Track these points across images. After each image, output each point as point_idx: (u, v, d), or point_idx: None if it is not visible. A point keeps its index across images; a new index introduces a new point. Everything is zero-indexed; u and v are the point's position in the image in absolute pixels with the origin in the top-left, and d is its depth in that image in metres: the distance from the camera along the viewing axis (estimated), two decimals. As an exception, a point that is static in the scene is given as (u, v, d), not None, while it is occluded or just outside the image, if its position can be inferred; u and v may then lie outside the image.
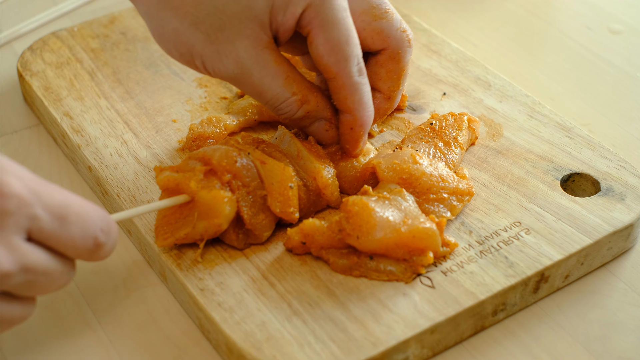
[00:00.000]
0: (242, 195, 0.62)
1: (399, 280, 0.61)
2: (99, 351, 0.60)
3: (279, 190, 0.63)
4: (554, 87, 0.86)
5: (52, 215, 0.51)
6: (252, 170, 0.63)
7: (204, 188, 0.61)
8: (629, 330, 0.62)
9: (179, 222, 0.62)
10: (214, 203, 0.61)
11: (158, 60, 0.84)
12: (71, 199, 0.53)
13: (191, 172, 0.62)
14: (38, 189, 0.51)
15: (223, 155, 0.63)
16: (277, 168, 0.63)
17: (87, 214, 0.53)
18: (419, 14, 0.95)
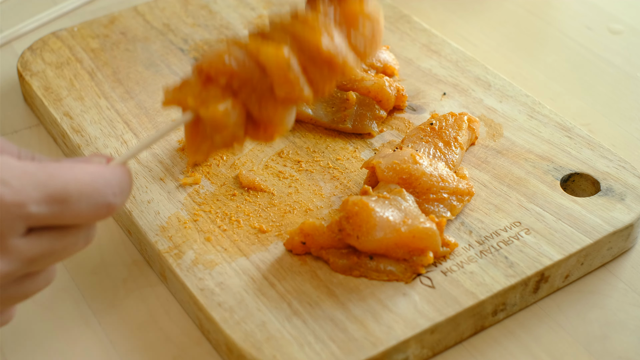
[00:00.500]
0: (246, 93, 0.58)
1: (399, 280, 0.61)
2: (99, 351, 0.60)
3: (279, 73, 0.58)
4: (554, 87, 0.86)
5: (50, 203, 0.50)
6: (249, 63, 0.58)
7: (203, 104, 0.57)
8: (629, 330, 0.62)
9: (199, 136, 0.59)
10: (215, 119, 0.57)
11: (158, 60, 0.84)
12: (69, 177, 0.51)
13: (190, 86, 0.58)
14: (28, 181, 0.49)
15: (213, 59, 0.58)
16: (271, 51, 0.58)
17: (91, 187, 0.51)
18: (419, 14, 0.95)
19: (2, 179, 0.49)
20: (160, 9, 0.91)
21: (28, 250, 0.50)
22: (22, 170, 0.50)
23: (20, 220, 0.49)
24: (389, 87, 0.75)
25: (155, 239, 0.65)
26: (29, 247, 0.50)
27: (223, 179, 0.70)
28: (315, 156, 0.72)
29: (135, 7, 0.91)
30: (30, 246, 0.50)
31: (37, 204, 0.49)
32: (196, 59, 0.61)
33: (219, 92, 0.57)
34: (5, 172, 0.49)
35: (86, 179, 0.51)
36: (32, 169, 0.50)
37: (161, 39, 0.87)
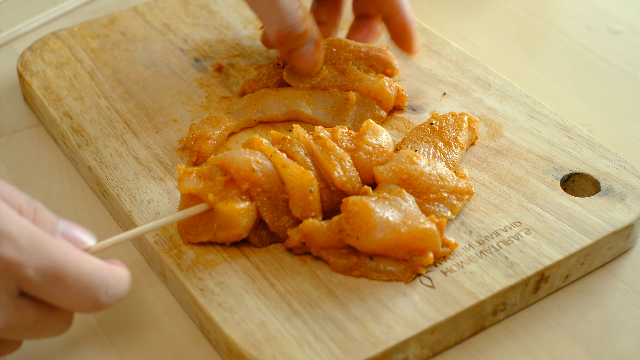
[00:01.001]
0: (262, 201, 0.63)
1: (399, 280, 0.61)
2: (99, 351, 0.60)
3: (300, 195, 0.63)
4: (554, 87, 0.86)
5: (45, 276, 0.50)
6: (273, 175, 0.63)
7: (222, 199, 0.62)
8: (629, 330, 0.62)
9: (200, 227, 0.63)
10: (231, 216, 0.61)
11: (158, 60, 0.84)
12: (73, 260, 0.51)
13: (211, 181, 0.62)
14: (35, 247, 0.50)
15: (241, 164, 0.62)
16: (297, 172, 0.63)
17: (88, 279, 0.52)
18: (419, 14, 0.95)
19: (11, 235, 0.49)
20: (160, 9, 0.91)
21: (13, 313, 0.51)
22: (32, 233, 0.50)
23: (15, 280, 0.50)
24: (389, 87, 0.75)
25: (155, 239, 0.65)
26: (14, 310, 0.51)
27: (223, 179, 0.70)
28: (315, 156, 0.72)
29: (135, 7, 0.91)
30: (16, 310, 0.51)
31: (34, 270, 0.50)
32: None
33: (238, 194, 0.62)
34: (14, 229, 0.49)
35: (87, 268, 0.52)
36: (40, 235, 0.50)
37: (161, 39, 0.87)
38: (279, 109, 0.75)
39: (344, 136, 0.67)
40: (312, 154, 0.65)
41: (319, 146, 0.65)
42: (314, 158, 0.65)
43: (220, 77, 0.81)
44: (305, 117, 0.75)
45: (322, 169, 0.65)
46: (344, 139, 0.67)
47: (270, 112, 0.75)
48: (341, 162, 0.65)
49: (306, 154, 0.65)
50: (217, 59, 0.84)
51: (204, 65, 0.83)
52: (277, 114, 0.75)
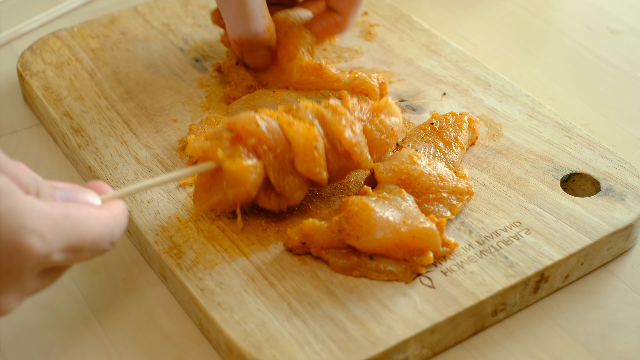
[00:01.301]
0: (268, 160, 0.62)
1: (399, 280, 0.61)
2: (99, 351, 0.60)
3: (305, 150, 0.62)
4: (554, 87, 0.86)
5: (67, 252, 0.52)
6: (278, 134, 0.63)
7: (229, 157, 0.61)
8: (629, 330, 0.62)
9: (212, 189, 0.63)
10: (238, 172, 0.61)
11: (158, 60, 0.84)
12: (87, 227, 0.53)
13: (218, 140, 0.62)
14: (57, 231, 0.51)
15: (246, 120, 0.62)
16: (302, 129, 0.62)
17: (100, 237, 0.54)
18: (419, 14, 0.95)
19: (37, 230, 0.50)
20: (160, 9, 0.91)
21: (35, 287, 0.53)
22: (52, 218, 0.51)
23: (41, 266, 0.51)
24: (371, 79, 0.75)
25: (155, 239, 0.65)
26: (36, 285, 0.53)
27: (223, 179, 0.70)
28: (315, 156, 0.72)
29: (135, 7, 0.91)
30: (38, 284, 0.53)
31: (59, 253, 0.51)
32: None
33: (245, 151, 0.62)
34: (37, 221, 0.50)
35: (99, 230, 0.54)
36: (57, 216, 0.51)
37: (161, 39, 0.87)
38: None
39: (355, 107, 0.66)
40: (322, 119, 0.64)
41: (329, 111, 0.64)
42: (323, 123, 0.64)
43: (220, 77, 0.81)
44: (305, 117, 0.75)
45: (331, 132, 0.64)
46: (355, 109, 0.66)
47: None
48: (352, 126, 0.64)
49: (314, 117, 0.64)
50: (217, 59, 0.84)
51: (204, 65, 0.83)
52: (276, 114, 0.75)
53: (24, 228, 0.49)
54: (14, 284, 0.51)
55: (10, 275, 0.50)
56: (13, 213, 0.49)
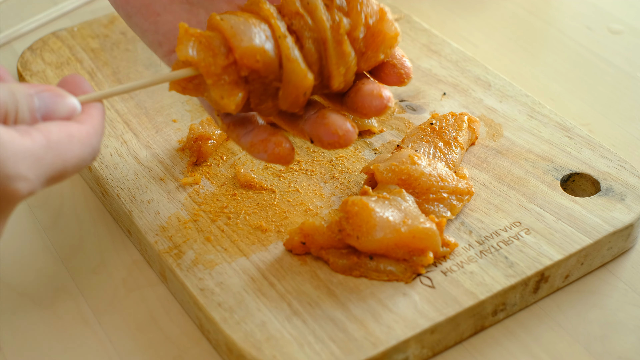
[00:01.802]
0: (255, 87, 0.59)
1: (399, 280, 0.61)
2: (99, 351, 0.60)
3: (293, 92, 0.59)
4: (554, 87, 0.86)
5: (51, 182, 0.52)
6: (274, 65, 0.59)
7: (218, 85, 0.58)
8: (629, 330, 0.62)
9: (190, 85, 0.59)
10: (224, 104, 0.58)
11: (158, 60, 0.84)
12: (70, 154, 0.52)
13: (212, 57, 0.58)
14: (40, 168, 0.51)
15: (248, 52, 0.58)
16: (300, 73, 0.59)
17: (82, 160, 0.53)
18: (419, 14, 0.95)
19: (22, 174, 0.50)
20: (160, 9, 0.91)
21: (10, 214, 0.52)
22: (34, 156, 0.50)
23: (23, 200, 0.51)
24: None
25: (155, 239, 0.65)
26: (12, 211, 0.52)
27: (223, 179, 0.70)
28: (315, 156, 0.72)
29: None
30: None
31: (42, 185, 0.51)
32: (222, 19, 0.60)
33: (235, 79, 0.58)
34: (20, 165, 0.50)
35: (82, 152, 0.53)
36: (40, 151, 0.50)
37: (161, 39, 0.87)
38: None
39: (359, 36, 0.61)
40: (324, 44, 0.60)
41: (334, 43, 0.60)
42: (324, 49, 0.60)
43: (220, 77, 0.81)
44: (305, 117, 0.75)
45: (326, 66, 0.60)
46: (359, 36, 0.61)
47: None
48: (348, 72, 0.60)
49: (314, 41, 0.60)
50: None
51: (204, 65, 0.83)
52: (277, 113, 0.75)
53: (8, 177, 0.49)
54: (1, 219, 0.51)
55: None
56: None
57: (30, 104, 0.52)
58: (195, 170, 0.71)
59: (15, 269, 0.67)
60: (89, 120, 0.55)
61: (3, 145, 0.49)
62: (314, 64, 0.60)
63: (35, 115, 0.52)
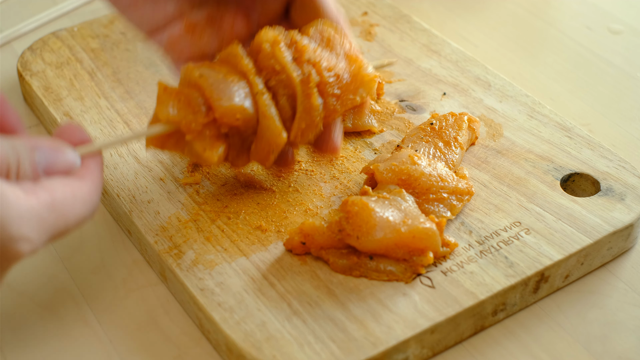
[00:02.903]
0: (234, 142, 0.62)
1: (399, 280, 0.61)
2: (99, 351, 0.60)
3: (266, 147, 0.62)
4: (554, 87, 0.86)
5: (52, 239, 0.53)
6: (253, 120, 0.61)
7: (199, 138, 0.60)
8: (629, 330, 0.62)
9: (170, 141, 0.61)
10: (205, 159, 0.60)
11: (158, 60, 0.84)
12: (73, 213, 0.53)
13: (192, 114, 0.59)
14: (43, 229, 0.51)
15: (228, 112, 0.60)
16: (274, 131, 0.61)
17: (83, 218, 0.54)
18: (419, 14, 0.95)
19: (25, 236, 0.50)
20: (160, 9, 0.91)
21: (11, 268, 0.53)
22: (37, 216, 0.51)
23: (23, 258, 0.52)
24: None
25: (155, 239, 0.65)
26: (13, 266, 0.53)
27: (223, 179, 0.70)
28: (315, 156, 0.72)
29: (135, 7, 0.91)
30: None
31: (43, 244, 0.52)
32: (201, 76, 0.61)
33: (215, 134, 0.61)
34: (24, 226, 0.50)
35: (83, 211, 0.54)
36: (43, 211, 0.51)
37: (161, 39, 0.87)
38: None
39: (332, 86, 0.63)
40: (293, 98, 0.62)
41: (303, 96, 0.62)
42: (293, 101, 0.62)
43: (220, 77, 0.81)
44: (305, 117, 0.75)
45: None
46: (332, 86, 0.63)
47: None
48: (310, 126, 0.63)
49: (287, 98, 0.62)
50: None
51: (204, 65, 0.83)
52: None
53: (11, 238, 0.49)
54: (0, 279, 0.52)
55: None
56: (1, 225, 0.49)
57: (31, 159, 0.53)
58: (195, 170, 0.71)
59: (16, 269, 0.66)
60: (89, 175, 0.55)
61: (9, 205, 0.49)
62: (287, 120, 0.63)
63: (37, 169, 0.53)
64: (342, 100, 0.64)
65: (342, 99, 0.64)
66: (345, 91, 0.64)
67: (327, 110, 0.63)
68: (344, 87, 0.64)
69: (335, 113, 0.64)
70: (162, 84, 0.61)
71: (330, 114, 0.64)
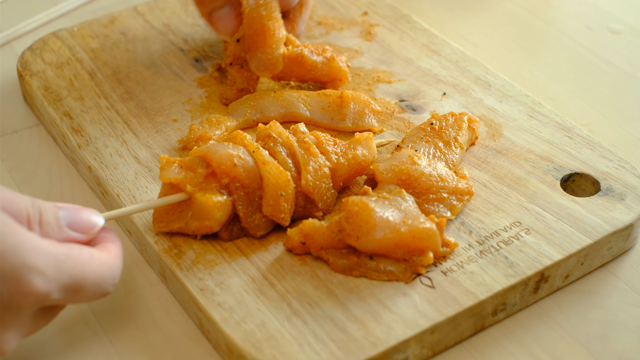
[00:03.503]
0: (239, 196, 0.63)
1: (399, 280, 0.61)
2: (99, 351, 0.60)
3: (272, 194, 0.63)
4: (554, 87, 0.86)
5: (67, 292, 0.52)
6: (254, 172, 0.63)
7: (200, 190, 0.62)
8: (629, 330, 0.62)
9: (174, 215, 0.64)
10: (206, 207, 0.62)
11: (158, 61, 0.84)
12: (89, 268, 0.53)
13: (193, 173, 0.63)
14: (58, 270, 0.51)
15: (223, 159, 0.63)
16: (275, 171, 0.63)
17: (101, 279, 0.54)
18: (419, 14, 0.95)
19: (39, 268, 0.50)
20: (160, 9, 0.91)
21: (32, 325, 0.53)
22: (54, 256, 0.51)
23: (40, 303, 0.51)
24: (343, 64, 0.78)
25: (155, 239, 0.65)
26: (33, 324, 0.53)
27: (223, 179, 0.70)
28: (315, 156, 0.72)
29: (135, 7, 0.91)
30: (35, 322, 0.53)
31: (59, 292, 0.52)
32: None
33: (217, 187, 0.63)
34: (39, 259, 0.50)
35: (100, 271, 0.54)
36: (60, 255, 0.52)
37: (161, 39, 0.87)
38: (277, 111, 0.75)
39: (328, 143, 0.67)
40: (294, 156, 0.65)
41: (301, 150, 0.65)
42: (296, 160, 0.65)
43: (220, 77, 0.81)
44: (303, 118, 0.75)
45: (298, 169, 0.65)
46: (329, 144, 0.67)
47: (268, 114, 0.75)
48: (317, 172, 0.65)
49: (288, 155, 0.65)
50: (217, 59, 0.84)
51: (204, 65, 0.83)
52: (275, 115, 0.75)
53: (26, 265, 0.49)
54: (13, 321, 0.51)
55: (10, 311, 0.50)
56: (15, 250, 0.49)
57: (55, 213, 0.54)
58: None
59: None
60: (108, 248, 0.56)
61: (22, 236, 0.50)
62: (289, 170, 0.64)
63: (61, 223, 0.54)
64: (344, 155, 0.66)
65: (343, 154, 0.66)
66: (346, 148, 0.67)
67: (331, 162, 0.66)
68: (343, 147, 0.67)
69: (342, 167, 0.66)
70: (164, 156, 0.63)
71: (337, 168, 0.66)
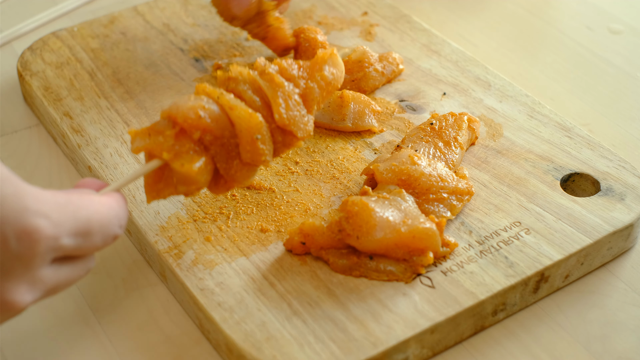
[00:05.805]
0: (216, 151, 0.60)
1: (399, 280, 0.61)
2: (99, 351, 0.60)
3: (247, 139, 0.60)
4: (554, 87, 0.86)
5: (77, 236, 0.52)
6: (222, 119, 0.60)
7: (177, 156, 0.58)
8: (629, 330, 0.62)
9: (162, 182, 0.61)
10: (189, 175, 0.58)
11: (158, 60, 0.84)
12: (92, 209, 0.53)
13: (161, 136, 0.59)
14: (63, 213, 0.51)
15: (187, 112, 0.59)
16: (244, 115, 0.60)
17: (107, 220, 0.54)
18: (419, 14, 0.95)
19: (43, 211, 0.50)
20: (160, 9, 0.91)
21: (50, 280, 0.52)
22: (55, 201, 0.51)
23: (52, 252, 0.51)
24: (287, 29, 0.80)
25: (155, 239, 0.65)
26: (51, 278, 0.52)
27: (223, 179, 0.70)
28: (315, 156, 0.72)
29: (135, 7, 0.91)
30: (52, 276, 0.52)
31: (68, 237, 0.51)
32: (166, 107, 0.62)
33: (192, 146, 0.59)
34: (42, 204, 0.50)
35: (104, 211, 0.54)
36: (61, 200, 0.51)
37: (161, 39, 0.87)
38: None
39: (293, 67, 0.63)
40: (260, 91, 0.62)
41: (266, 82, 0.62)
42: (263, 94, 0.62)
43: (220, 77, 0.81)
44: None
45: (269, 105, 0.62)
46: (293, 68, 0.63)
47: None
48: (287, 101, 0.61)
49: (254, 92, 0.61)
50: (217, 59, 0.84)
51: (204, 65, 0.83)
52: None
53: (28, 210, 0.49)
54: (25, 272, 0.49)
55: (20, 261, 0.49)
56: (16, 196, 0.48)
57: None
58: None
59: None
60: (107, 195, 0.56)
61: (22, 185, 0.49)
62: (259, 109, 0.61)
63: None
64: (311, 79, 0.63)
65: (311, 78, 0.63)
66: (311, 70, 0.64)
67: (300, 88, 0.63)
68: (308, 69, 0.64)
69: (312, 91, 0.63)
70: (132, 130, 0.60)
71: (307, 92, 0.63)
